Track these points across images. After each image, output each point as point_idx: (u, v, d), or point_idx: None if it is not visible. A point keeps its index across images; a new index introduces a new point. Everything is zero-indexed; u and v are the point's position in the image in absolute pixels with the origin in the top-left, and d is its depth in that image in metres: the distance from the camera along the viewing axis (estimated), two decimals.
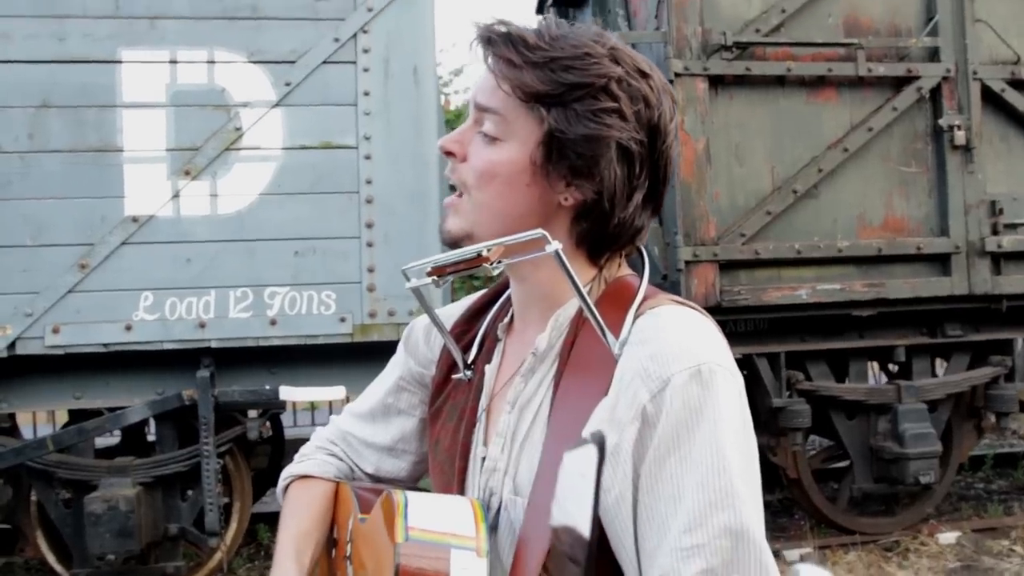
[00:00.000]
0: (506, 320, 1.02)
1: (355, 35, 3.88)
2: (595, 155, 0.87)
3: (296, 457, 1.18)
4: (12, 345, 3.74)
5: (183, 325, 3.81)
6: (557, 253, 0.84)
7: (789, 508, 5.65)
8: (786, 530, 5.28)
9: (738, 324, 4.37)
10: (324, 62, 3.85)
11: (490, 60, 0.89)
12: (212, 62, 3.82)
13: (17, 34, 3.73)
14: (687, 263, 4.04)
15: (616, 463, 0.80)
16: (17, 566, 4.90)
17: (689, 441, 0.79)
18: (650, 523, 0.79)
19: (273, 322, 3.85)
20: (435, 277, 0.89)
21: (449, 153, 0.94)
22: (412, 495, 0.87)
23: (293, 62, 3.84)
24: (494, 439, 0.94)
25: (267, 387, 3.95)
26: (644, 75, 0.90)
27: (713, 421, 0.79)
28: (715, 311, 4.10)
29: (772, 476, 5.15)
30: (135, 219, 3.79)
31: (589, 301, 0.86)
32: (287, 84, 3.84)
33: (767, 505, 5.76)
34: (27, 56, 3.74)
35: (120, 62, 3.77)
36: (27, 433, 5.23)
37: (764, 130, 4.20)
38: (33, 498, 4.15)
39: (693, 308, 0.90)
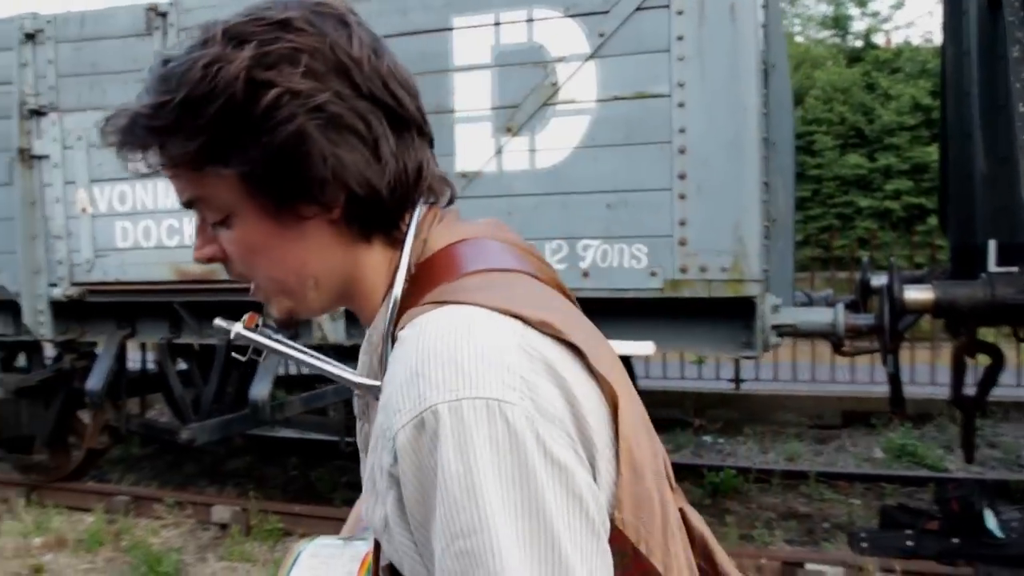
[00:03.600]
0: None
1: None
2: (298, 155, 0.75)
3: None
4: None
5: None
6: (240, 335, 0.84)
7: None
8: None
9: None
10: (637, 8, 3.87)
11: (139, 164, 0.80)
12: (531, 20, 4.06)
13: (372, 14, 4.33)
14: None
15: (390, 537, 0.74)
16: None
17: (433, 508, 0.68)
18: None
19: (585, 274, 4.04)
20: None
21: (211, 260, 0.85)
22: (317, 547, 0.94)
23: (607, 12, 3.92)
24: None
25: None
26: (283, 26, 0.76)
27: (452, 486, 0.65)
28: None
29: None
30: (464, 175, 4.22)
31: (298, 354, 0.84)
32: (600, 35, 3.94)
33: None
34: (380, 32, 4.27)
35: (452, 29, 4.19)
36: None
37: None
38: None
39: (452, 302, 0.74)
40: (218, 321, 0.90)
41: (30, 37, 5.04)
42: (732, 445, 7.19)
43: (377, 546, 0.79)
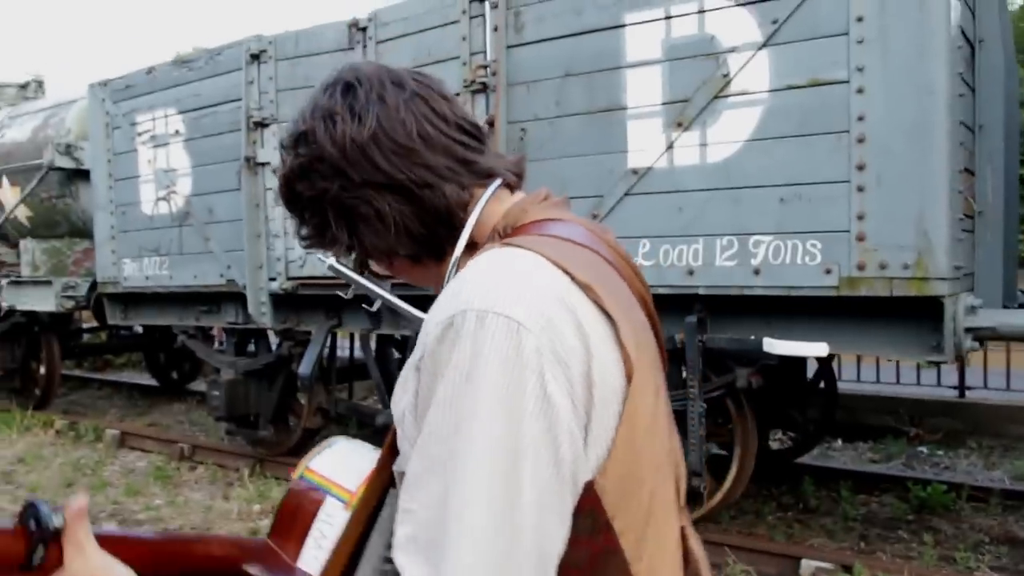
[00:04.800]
0: None
1: None
2: (329, 234, 0.98)
3: None
4: None
5: (674, 272, 4.16)
6: (331, 266, 1.03)
7: None
8: None
9: None
10: None
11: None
12: (702, 11, 4.01)
13: (548, 15, 4.48)
14: None
15: (404, 428, 0.83)
16: None
17: (433, 400, 0.77)
18: None
19: (757, 271, 3.93)
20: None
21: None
22: (351, 443, 1.06)
23: None
24: None
25: (752, 337, 4.05)
26: (302, 139, 0.97)
27: (454, 379, 0.75)
28: None
29: None
30: (635, 171, 4.25)
31: (378, 289, 1.00)
32: (774, 22, 3.81)
33: None
34: (556, 33, 4.46)
35: (624, 26, 4.23)
36: None
37: None
38: None
39: (519, 246, 0.86)
40: (319, 255, 1.11)
41: (255, 57, 5.68)
42: (952, 459, 6.61)
43: (391, 447, 0.91)
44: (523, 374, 0.75)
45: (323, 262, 1.10)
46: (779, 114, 3.85)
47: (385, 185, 0.94)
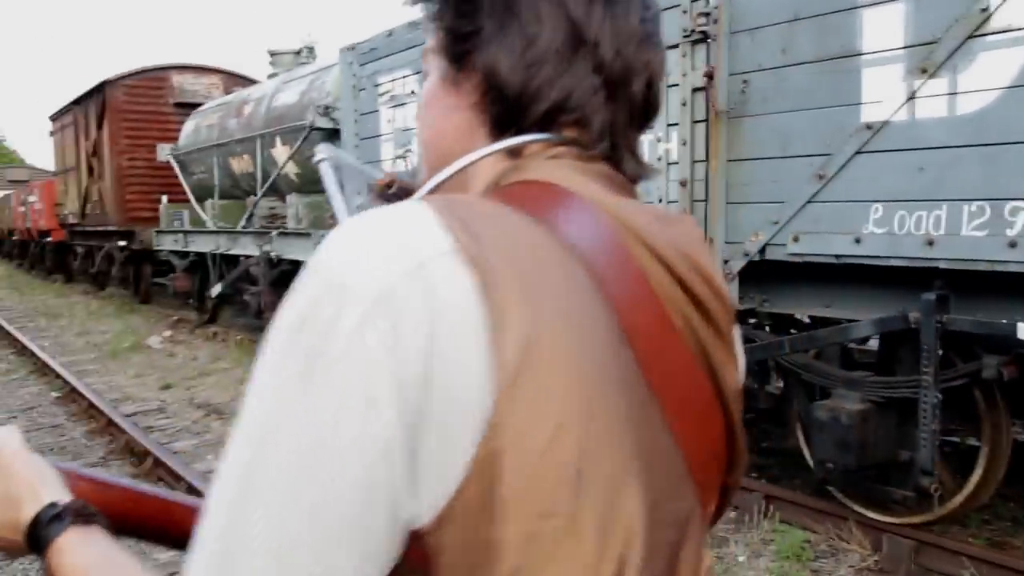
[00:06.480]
0: None
1: None
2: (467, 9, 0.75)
3: None
4: (762, 250, 4.23)
5: (911, 241, 3.66)
6: (317, 163, 0.87)
7: None
8: None
9: None
10: None
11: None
12: None
13: None
14: None
15: None
16: None
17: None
18: None
19: (1013, 244, 3.35)
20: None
21: None
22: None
23: None
24: None
25: (1004, 320, 3.47)
26: None
27: (263, 353, 0.61)
28: None
29: None
30: (869, 126, 3.77)
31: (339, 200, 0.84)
32: None
33: None
34: None
35: None
36: None
37: None
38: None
39: (423, 202, 0.64)
40: (321, 145, 1.04)
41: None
42: None
43: None
44: (329, 355, 0.57)
45: (318, 150, 1.02)
46: None
47: (570, 25, 0.74)
